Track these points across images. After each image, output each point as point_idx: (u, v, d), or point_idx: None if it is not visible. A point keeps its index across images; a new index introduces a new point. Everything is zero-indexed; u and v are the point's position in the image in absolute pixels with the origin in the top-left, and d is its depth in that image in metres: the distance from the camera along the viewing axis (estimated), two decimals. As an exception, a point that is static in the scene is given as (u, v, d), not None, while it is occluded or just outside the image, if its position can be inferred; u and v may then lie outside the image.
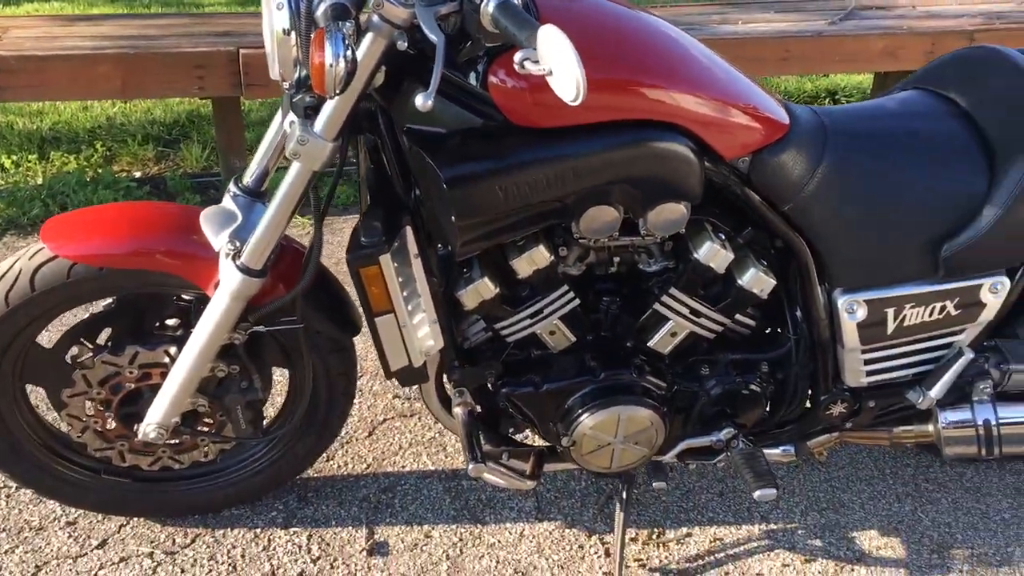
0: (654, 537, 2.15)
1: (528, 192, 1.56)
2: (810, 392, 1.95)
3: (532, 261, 1.71)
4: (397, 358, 1.75)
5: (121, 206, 1.88)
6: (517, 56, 1.22)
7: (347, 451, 2.39)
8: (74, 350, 1.89)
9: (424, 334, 1.74)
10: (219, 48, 3.49)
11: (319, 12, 1.44)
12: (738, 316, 1.87)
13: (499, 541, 2.13)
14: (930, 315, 1.83)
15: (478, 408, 1.90)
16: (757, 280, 1.77)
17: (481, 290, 1.73)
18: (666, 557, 2.10)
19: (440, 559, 2.09)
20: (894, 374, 1.91)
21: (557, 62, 1.16)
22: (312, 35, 1.43)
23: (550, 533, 2.15)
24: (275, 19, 1.48)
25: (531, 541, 2.13)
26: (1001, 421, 1.95)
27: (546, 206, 1.60)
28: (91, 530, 2.12)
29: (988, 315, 1.85)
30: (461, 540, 2.14)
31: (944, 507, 2.26)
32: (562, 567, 2.07)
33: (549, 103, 1.54)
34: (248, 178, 1.86)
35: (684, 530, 2.17)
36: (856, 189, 1.75)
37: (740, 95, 1.69)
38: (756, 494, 1.86)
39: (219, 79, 3.51)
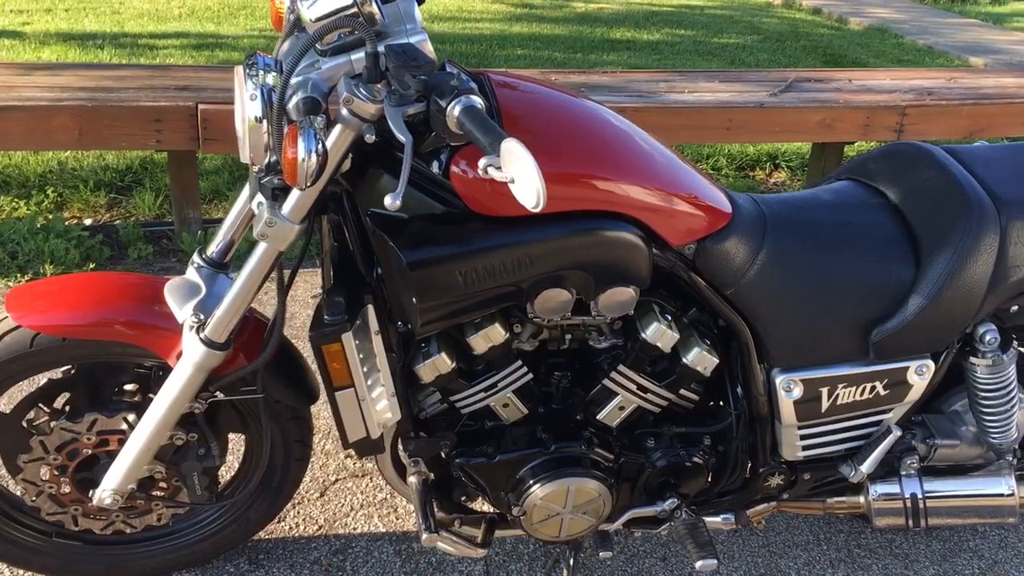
0: (598, 602, 2.22)
1: (486, 276, 1.64)
2: (749, 464, 2.04)
3: (488, 338, 1.78)
4: (355, 430, 1.81)
5: (85, 276, 1.90)
6: (482, 162, 1.30)
7: (299, 512, 2.42)
8: (31, 415, 1.91)
9: (382, 407, 1.80)
10: (178, 103, 3.54)
11: (291, 104, 1.51)
12: (682, 391, 1.96)
13: (448, 605, 2.18)
14: (861, 394, 1.94)
15: (431, 476, 1.95)
16: (701, 359, 1.87)
17: (438, 365, 1.80)
18: (610, 622, 2.17)
19: (390, 623, 2.13)
20: (828, 449, 2.01)
21: (519, 173, 1.25)
22: (284, 127, 1.50)
23: (498, 597, 2.21)
24: (248, 108, 1.54)
25: (479, 605, 2.19)
26: (927, 494, 2.06)
27: (503, 289, 1.67)
28: (40, 592, 2.12)
29: (914, 395, 1.97)
30: (411, 604, 2.18)
31: (875, 573, 2.36)
32: (509, 632, 2.13)
33: (507, 194, 1.63)
34: (212, 249, 1.91)
35: (630, 595, 2.24)
36: (793, 276, 1.86)
37: (686, 185, 1.79)
38: (698, 564, 1.93)
39: (177, 133, 3.56)
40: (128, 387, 1.96)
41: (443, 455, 1.94)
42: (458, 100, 1.40)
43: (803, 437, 1.98)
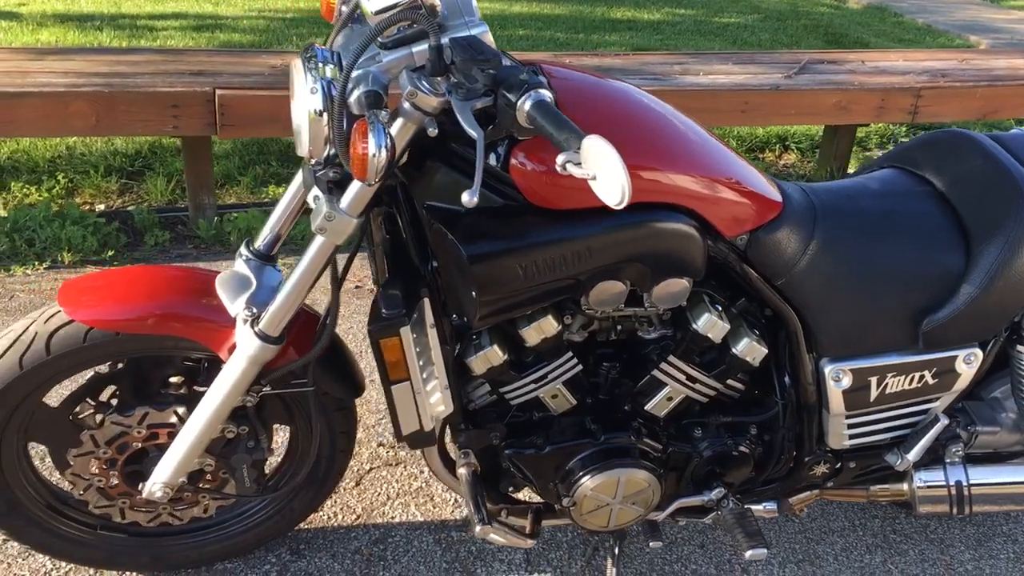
0: (640, 590, 2.23)
1: (546, 270, 1.63)
2: (794, 453, 2.04)
3: (540, 330, 1.77)
4: (409, 423, 1.80)
5: (136, 270, 1.89)
6: (560, 159, 1.29)
7: (336, 501, 2.42)
8: (80, 409, 1.90)
9: (436, 399, 1.79)
10: (195, 88, 3.51)
11: (352, 98, 1.50)
12: (729, 381, 1.96)
13: (491, 594, 2.19)
14: (909, 383, 1.94)
15: (479, 468, 1.95)
16: (750, 349, 1.86)
17: (490, 357, 1.79)
18: (653, 610, 2.18)
19: (435, 613, 2.14)
20: (874, 437, 2.02)
21: (603, 170, 1.23)
22: (349, 121, 1.49)
23: (541, 586, 2.22)
24: (309, 101, 1.53)
25: (523, 594, 2.19)
26: (972, 483, 2.07)
27: (561, 282, 1.67)
28: (83, 585, 2.12)
29: (962, 384, 1.97)
30: (454, 593, 2.19)
31: (912, 558, 2.38)
32: (554, 620, 2.14)
33: (567, 186, 1.63)
34: (260, 242, 1.90)
35: (671, 583, 2.26)
36: (844, 265, 1.86)
37: (738, 175, 1.79)
38: (747, 554, 1.94)
39: (194, 119, 3.53)
40: (173, 380, 1.95)
41: (493, 446, 1.93)
42: (528, 95, 1.38)
43: (850, 426, 1.98)
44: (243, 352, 1.75)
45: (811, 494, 2.14)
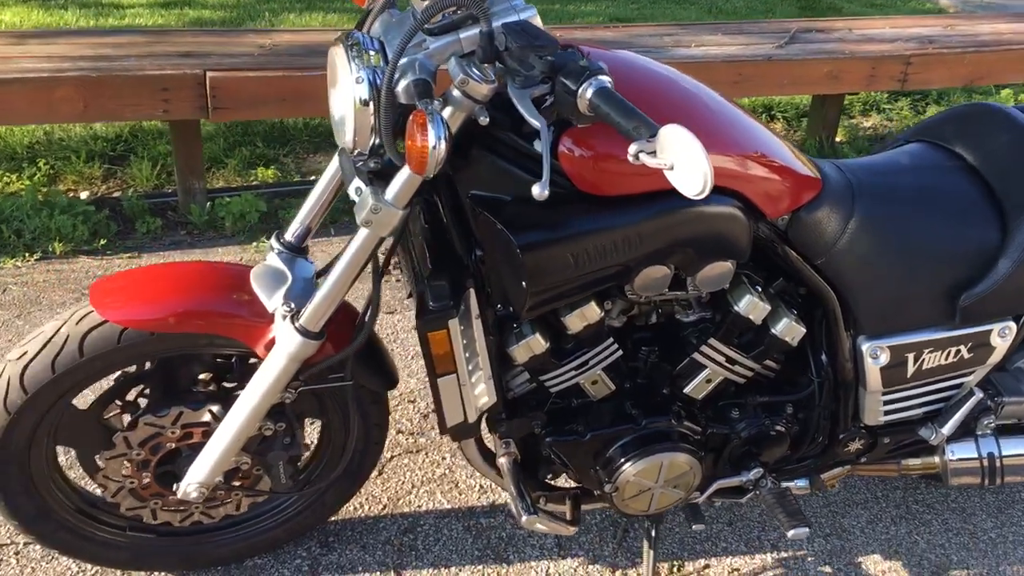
0: (675, 571, 2.23)
1: (597, 257, 1.61)
2: (829, 430, 2.04)
3: (583, 317, 1.75)
4: (454, 415, 1.77)
5: (168, 267, 1.83)
6: (632, 149, 1.26)
7: (361, 492, 2.38)
8: (110, 411, 1.85)
9: (480, 391, 1.76)
10: (185, 71, 3.42)
11: (400, 87, 1.46)
12: (766, 361, 1.95)
13: (526, 581, 2.18)
14: (945, 359, 1.95)
15: (519, 456, 1.93)
16: (790, 329, 1.85)
17: (532, 345, 1.77)
18: (689, 590, 2.18)
19: (472, 602, 2.12)
20: (909, 413, 2.02)
21: (682, 160, 1.21)
22: (396, 111, 1.45)
23: (575, 571, 2.21)
24: (355, 91, 1.48)
25: (557, 579, 2.18)
26: (1004, 454, 2.08)
27: (611, 270, 1.64)
28: (112, 587, 2.08)
29: (996, 357, 1.98)
30: (490, 581, 2.17)
31: (936, 528, 2.40)
32: (591, 604, 2.13)
33: (617, 172, 1.60)
34: (290, 235, 1.86)
35: (702, 562, 2.25)
36: (883, 243, 1.85)
37: (780, 155, 1.77)
38: (790, 533, 1.95)
39: (185, 102, 3.45)
40: (203, 377, 1.90)
41: (533, 435, 1.91)
42: (590, 81, 1.35)
43: (886, 402, 1.98)
44: (283, 348, 1.71)
45: (843, 470, 2.15)
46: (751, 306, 1.81)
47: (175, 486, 1.86)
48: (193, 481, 1.84)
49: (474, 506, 2.38)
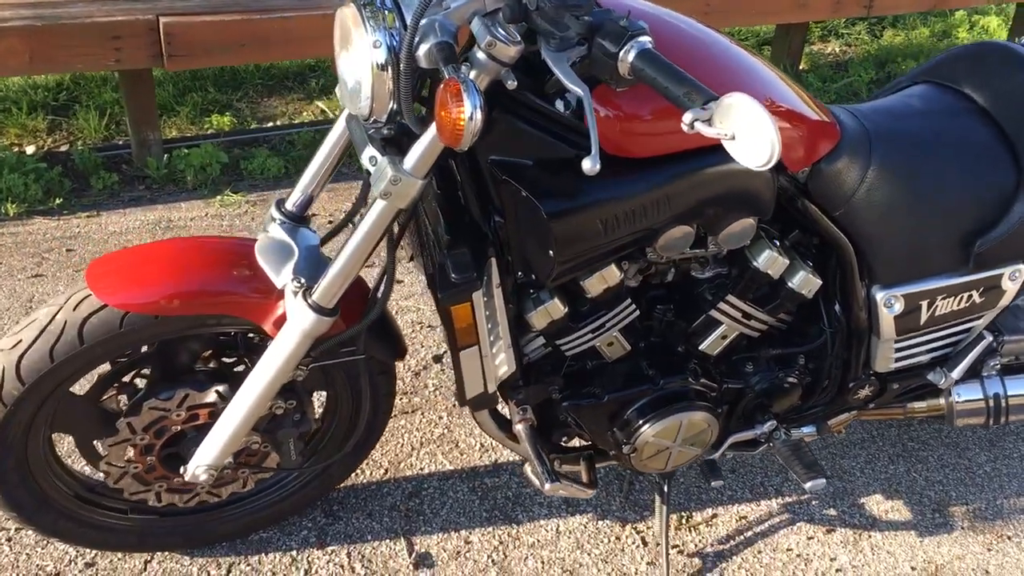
0: (684, 522, 2.23)
1: (626, 222, 1.55)
2: (839, 378, 2.03)
3: (603, 280, 1.70)
4: (474, 386, 1.72)
5: (168, 245, 1.73)
6: (687, 118, 1.19)
7: (360, 457, 2.34)
8: (110, 395, 1.77)
9: (500, 360, 1.71)
10: (136, 16, 3.25)
11: (421, 51, 1.37)
12: (780, 314, 1.92)
13: (538, 540, 2.15)
14: (958, 304, 1.94)
15: (535, 422, 1.89)
16: (806, 282, 1.82)
17: (551, 311, 1.72)
18: (699, 541, 2.18)
19: (487, 565, 2.09)
20: (918, 359, 2.02)
21: (747, 129, 1.15)
22: (416, 76, 1.37)
23: (585, 527, 2.19)
24: (372, 55, 1.39)
25: (569, 537, 2.17)
26: (1009, 394, 2.10)
27: (638, 234, 1.59)
28: (113, 571, 2.00)
29: (1006, 300, 1.98)
30: (502, 543, 2.14)
31: (932, 465, 2.43)
32: (605, 561, 2.12)
33: (646, 133, 1.54)
34: (291, 203, 1.77)
35: (709, 512, 2.26)
36: (900, 191, 1.81)
37: (800, 107, 1.72)
38: (808, 485, 1.95)
39: (138, 50, 3.28)
40: (204, 354, 1.82)
41: (549, 400, 1.87)
42: (632, 43, 1.28)
43: (898, 349, 1.97)
44: (295, 325, 1.63)
45: (849, 415, 2.15)
46: (770, 261, 1.77)
47: (182, 469, 1.79)
48: (201, 463, 1.77)
49: (477, 466, 2.35)
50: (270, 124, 4.13)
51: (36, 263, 3.04)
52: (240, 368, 1.88)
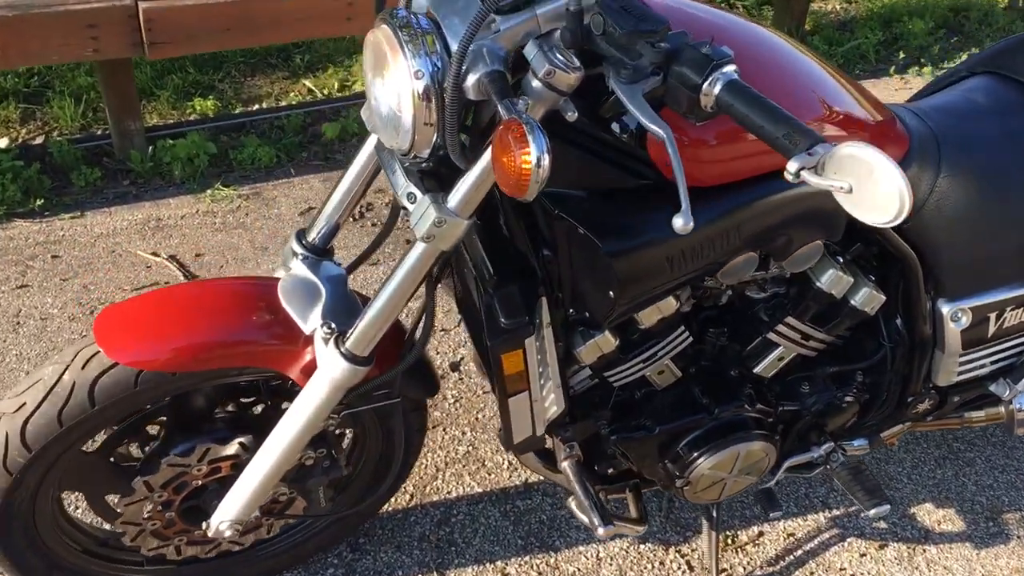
0: (730, 543, 2.11)
1: (692, 257, 1.41)
2: (899, 393, 1.91)
3: (659, 311, 1.56)
4: (522, 430, 1.59)
5: (183, 290, 1.56)
6: (791, 167, 1.03)
7: (383, 482, 2.20)
8: (123, 451, 1.62)
9: (550, 401, 1.58)
10: (113, 3, 3.02)
11: (469, 82, 1.21)
12: (840, 332, 1.80)
13: (579, 569, 2.04)
14: (1025, 315, 1.82)
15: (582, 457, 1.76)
16: (870, 299, 1.69)
17: (601, 345, 1.58)
18: (747, 563, 2.07)
19: (527, 600, 1.98)
20: (982, 371, 1.90)
21: (866, 182, 1.00)
22: (461, 108, 1.21)
23: (627, 552, 2.08)
24: (414, 86, 1.22)
25: (611, 564, 2.05)
26: (1072, 400, 1.99)
27: (704, 267, 1.45)
28: (130, 622, 1.87)
29: (1072, 307, 1.86)
30: (541, 574, 2.02)
31: (980, 468, 2.33)
32: (651, 589, 2.01)
33: (713, 160, 1.39)
34: (314, 235, 1.61)
35: (755, 530, 2.15)
36: (970, 199, 1.68)
37: (870, 116, 1.57)
38: (871, 512, 1.85)
39: (116, 38, 3.07)
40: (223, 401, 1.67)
41: (598, 434, 1.74)
42: (717, 75, 1.12)
43: (961, 363, 1.85)
44: (327, 375, 1.48)
45: (903, 427, 2.03)
46: (834, 281, 1.64)
47: (204, 524, 1.65)
48: (225, 518, 1.63)
49: (507, 487, 2.22)
50: (256, 107, 3.92)
51: (20, 272, 2.85)
52: (259, 409, 1.73)
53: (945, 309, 1.76)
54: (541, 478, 2.22)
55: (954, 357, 1.83)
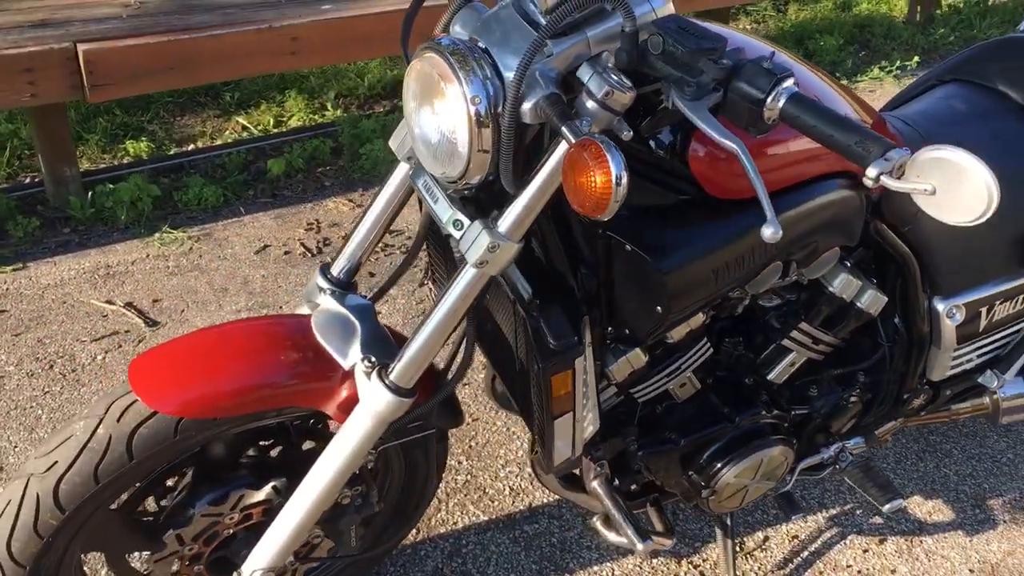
0: (738, 550, 2.14)
1: (735, 268, 1.44)
2: (896, 391, 1.98)
3: (688, 324, 1.59)
4: (563, 452, 1.58)
5: (216, 332, 1.50)
6: (871, 172, 1.07)
7: (387, 518, 2.16)
8: (144, 506, 1.55)
9: (588, 420, 1.58)
10: (51, 46, 2.93)
11: (526, 106, 1.21)
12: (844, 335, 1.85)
13: (597, 589, 2.04)
14: (1014, 306, 1.91)
15: (610, 475, 1.77)
16: (875, 301, 1.75)
17: (633, 361, 1.59)
18: (759, 568, 2.10)
19: (551, 625, 1.97)
20: (972, 364, 1.98)
21: (950, 180, 1.04)
22: (518, 134, 1.21)
23: (640, 568, 2.09)
24: (471, 111, 1.22)
25: (627, 582, 2.06)
26: (1053, 388, 2.09)
27: (742, 277, 1.48)
28: None
29: (1056, 296, 1.96)
30: (560, 597, 2.02)
31: (958, 458, 2.42)
32: (670, 603, 2.02)
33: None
34: (338, 269, 1.59)
35: (760, 535, 2.18)
36: (963, 199, 1.76)
37: (869, 122, 1.64)
38: (886, 508, 1.90)
39: (55, 82, 2.97)
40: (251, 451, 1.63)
41: (628, 451, 1.75)
42: (780, 89, 1.15)
43: (955, 357, 1.93)
44: (369, 409, 1.44)
45: (895, 423, 2.10)
46: (845, 285, 1.69)
47: (235, 574, 1.59)
48: (258, 567, 1.57)
49: (511, 513, 2.21)
50: (192, 147, 3.83)
51: (-32, 330, 2.72)
52: (276, 452, 1.69)
53: (941, 306, 1.84)
54: (545, 502, 2.22)
55: (949, 352, 1.91)
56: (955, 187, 1.04)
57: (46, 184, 3.36)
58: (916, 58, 4.95)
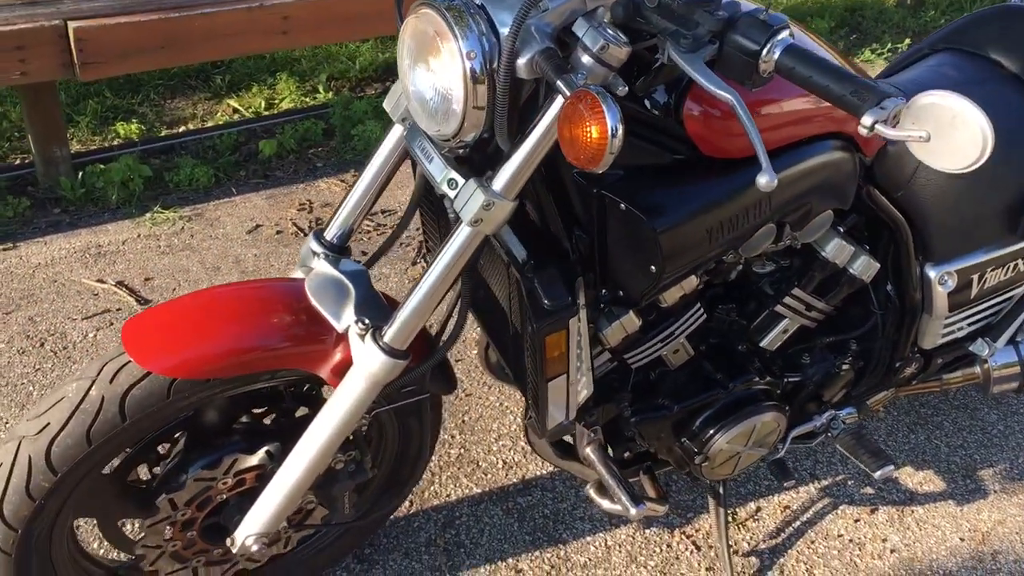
0: (731, 520, 2.15)
1: (728, 228, 1.44)
2: (888, 359, 1.99)
3: (682, 289, 1.59)
4: (557, 416, 1.58)
5: (210, 294, 1.50)
6: (866, 120, 1.07)
7: (380, 490, 2.16)
8: (138, 472, 1.55)
9: (581, 384, 1.58)
10: (41, 23, 2.91)
11: (521, 61, 1.21)
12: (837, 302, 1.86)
13: (590, 559, 2.04)
14: (1005, 274, 1.92)
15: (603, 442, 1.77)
16: (867, 267, 1.76)
17: (626, 325, 1.60)
18: (751, 538, 2.11)
19: (545, 594, 1.97)
20: (963, 332, 1.99)
21: (945, 127, 1.04)
22: (514, 88, 1.21)
23: (634, 538, 2.09)
24: (466, 67, 1.22)
25: (620, 552, 2.06)
26: (1045, 358, 2.10)
27: (736, 238, 1.48)
28: (139, 655, 1.78)
29: (1047, 265, 1.97)
30: (553, 567, 2.02)
31: (949, 429, 2.43)
32: (664, 572, 2.02)
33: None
34: (332, 235, 1.58)
35: (752, 506, 2.19)
36: (955, 167, 1.76)
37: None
38: (877, 474, 1.91)
39: (46, 60, 2.95)
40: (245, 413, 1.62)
41: (618, 417, 1.75)
42: (776, 40, 1.15)
43: (946, 325, 1.94)
44: (364, 371, 1.44)
45: (887, 393, 2.11)
46: (838, 250, 1.70)
47: (228, 540, 1.59)
48: (252, 532, 1.57)
49: (504, 485, 2.21)
50: (182, 128, 3.82)
51: (-43, 309, 2.71)
52: (269, 420, 1.69)
53: (932, 273, 1.84)
54: (538, 474, 2.22)
55: (940, 320, 1.91)
56: (950, 132, 1.04)
57: (36, 165, 3.34)
58: (907, 40, 4.97)
